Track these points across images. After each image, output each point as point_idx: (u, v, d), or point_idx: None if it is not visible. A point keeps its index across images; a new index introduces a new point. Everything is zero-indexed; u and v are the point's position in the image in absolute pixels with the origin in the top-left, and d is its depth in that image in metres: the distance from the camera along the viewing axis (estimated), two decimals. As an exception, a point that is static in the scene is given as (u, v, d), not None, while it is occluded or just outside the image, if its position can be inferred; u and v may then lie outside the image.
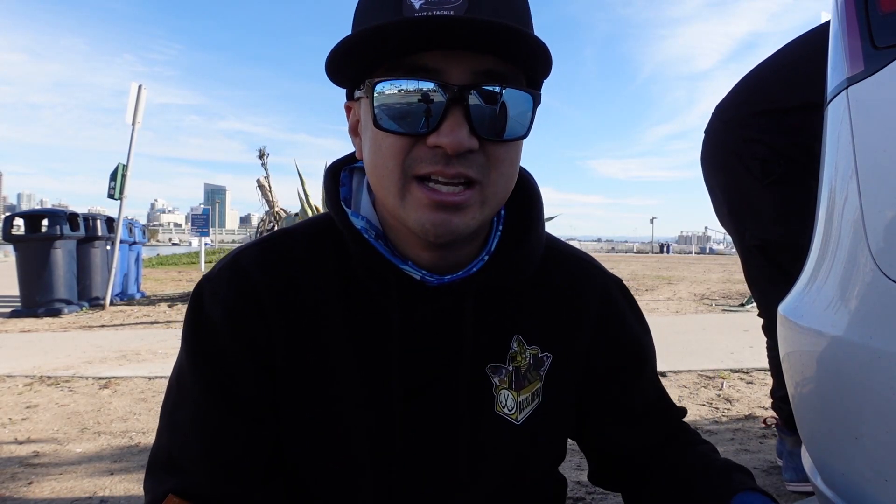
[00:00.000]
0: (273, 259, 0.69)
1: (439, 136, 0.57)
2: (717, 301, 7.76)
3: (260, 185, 10.34)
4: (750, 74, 1.77)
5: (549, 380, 0.74)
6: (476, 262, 0.68)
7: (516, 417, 0.72)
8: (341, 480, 0.70)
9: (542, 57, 0.59)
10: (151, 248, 44.77)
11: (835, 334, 0.76)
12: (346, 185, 0.73)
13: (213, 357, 0.66)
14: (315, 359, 0.68)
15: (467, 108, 0.57)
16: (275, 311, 0.67)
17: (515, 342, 0.72)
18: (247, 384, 0.66)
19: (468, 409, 0.70)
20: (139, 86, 7.58)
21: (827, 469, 0.83)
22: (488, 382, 0.71)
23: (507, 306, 0.72)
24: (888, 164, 0.71)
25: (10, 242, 7.01)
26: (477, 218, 0.62)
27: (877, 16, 0.75)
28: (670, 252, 52.72)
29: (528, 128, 0.61)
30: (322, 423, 0.68)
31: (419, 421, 0.69)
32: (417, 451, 0.69)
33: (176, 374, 0.70)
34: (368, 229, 0.67)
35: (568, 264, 0.78)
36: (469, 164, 0.58)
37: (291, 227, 0.74)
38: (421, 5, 0.56)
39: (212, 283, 0.68)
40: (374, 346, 0.68)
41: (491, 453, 0.72)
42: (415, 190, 0.59)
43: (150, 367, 3.94)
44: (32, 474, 2.19)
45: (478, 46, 0.56)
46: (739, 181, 1.72)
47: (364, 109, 0.62)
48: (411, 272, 0.66)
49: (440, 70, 0.57)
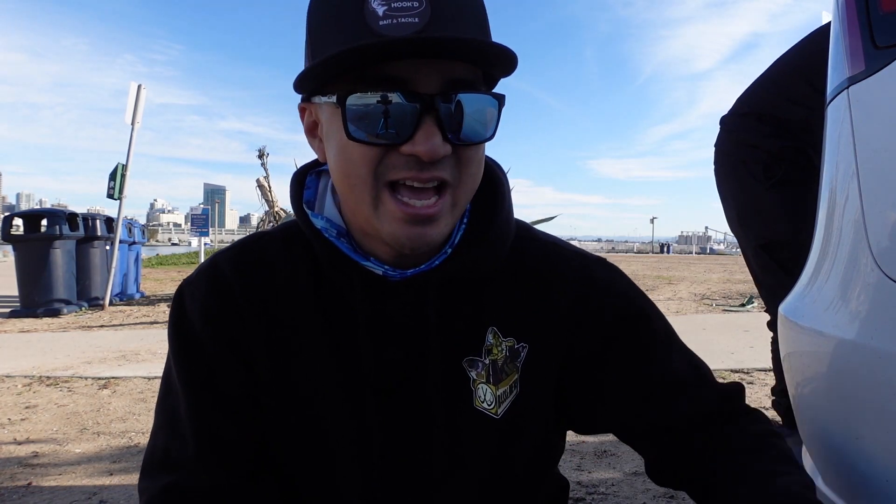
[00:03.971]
0: (249, 262, 0.72)
1: (414, 145, 0.58)
2: (718, 301, 7.76)
3: (260, 185, 10.34)
4: (750, 86, 1.87)
5: (526, 371, 0.73)
6: (440, 255, 0.69)
7: (496, 412, 0.72)
8: (323, 477, 0.71)
9: (506, 60, 0.60)
10: (151, 248, 44.81)
11: (835, 334, 0.76)
12: (311, 188, 0.75)
13: (195, 355, 0.70)
14: (291, 358, 0.70)
15: (439, 115, 0.58)
16: (251, 311, 0.70)
17: (490, 334, 0.72)
18: (229, 381, 0.69)
19: (445, 404, 0.70)
20: (139, 85, 7.58)
21: (827, 469, 0.83)
22: (465, 377, 0.71)
23: (479, 298, 0.72)
24: (889, 164, 0.71)
25: (9, 242, 7.00)
26: (449, 224, 0.64)
27: (877, 15, 0.75)
28: (670, 252, 52.72)
29: (494, 129, 0.63)
30: (300, 421, 0.70)
31: (394, 417, 0.70)
32: (395, 447, 0.70)
33: (165, 374, 0.73)
34: (329, 229, 0.69)
35: (541, 251, 0.77)
36: (442, 167, 0.60)
37: (266, 231, 0.77)
38: (385, 12, 0.56)
39: (191, 286, 0.72)
40: (345, 343, 0.70)
41: (472, 449, 0.72)
42: (388, 201, 0.60)
43: (150, 367, 3.93)
44: (32, 475, 2.19)
45: (446, 56, 0.57)
46: (745, 185, 1.81)
47: (330, 117, 0.62)
48: (373, 268, 0.68)
49: (409, 80, 0.58)
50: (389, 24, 0.56)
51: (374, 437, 0.70)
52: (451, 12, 0.58)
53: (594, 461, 2.25)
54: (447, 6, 0.57)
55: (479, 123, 0.61)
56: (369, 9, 0.56)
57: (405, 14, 0.56)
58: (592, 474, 2.13)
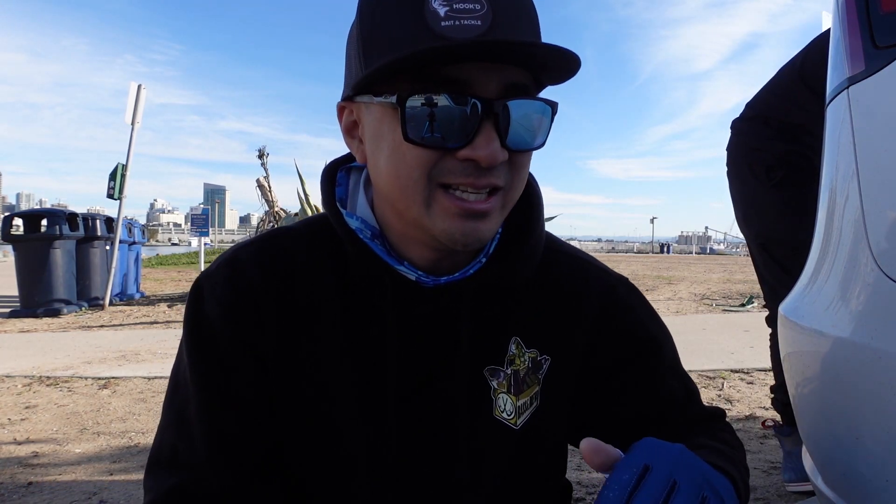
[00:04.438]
0: (270, 257, 0.70)
1: (474, 150, 0.57)
2: (718, 301, 7.76)
3: (260, 185, 10.35)
4: (758, 91, 1.95)
5: (547, 383, 0.73)
6: (474, 265, 0.68)
7: (515, 422, 0.71)
8: (336, 482, 0.70)
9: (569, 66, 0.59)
10: (151, 248, 44.77)
11: (835, 334, 0.76)
12: (342, 186, 0.73)
13: (211, 353, 0.67)
14: (310, 358, 0.68)
15: (498, 121, 0.57)
16: (271, 309, 0.68)
17: (513, 344, 0.72)
18: (244, 380, 0.67)
19: (466, 412, 0.70)
20: (139, 85, 7.58)
21: (827, 469, 0.83)
22: (486, 385, 0.70)
23: (505, 308, 0.72)
24: (889, 164, 0.71)
25: (9, 242, 7.00)
26: (498, 222, 0.63)
27: (877, 15, 0.75)
28: (670, 252, 52.67)
29: (546, 136, 0.63)
30: (316, 424, 0.69)
31: (415, 424, 0.69)
32: (413, 454, 0.69)
33: (176, 370, 0.70)
34: (364, 230, 0.67)
35: (569, 265, 0.77)
36: (497, 174, 0.59)
37: (289, 226, 0.74)
38: (446, 13, 0.55)
39: (210, 280, 0.69)
40: (369, 346, 0.68)
41: (489, 458, 0.71)
42: (441, 198, 0.59)
43: (150, 367, 3.93)
44: (32, 475, 2.19)
45: (510, 61, 0.56)
46: (748, 186, 1.89)
47: (381, 117, 0.60)
48: (407, 273, 0.66)
49: (470, 83, 0.56)
50: (452, 25, 0.54)
51: (391, 443, 0.68)
52: (511, 16, 0.57)
53: (594, 461, 2.25)
54: (507, 9, 0.56)
55: (533, 130, 0.61)
56: (430, 8, 0.55)
57: (468, 16, 0.55)
58: (592, 474, 2.13)
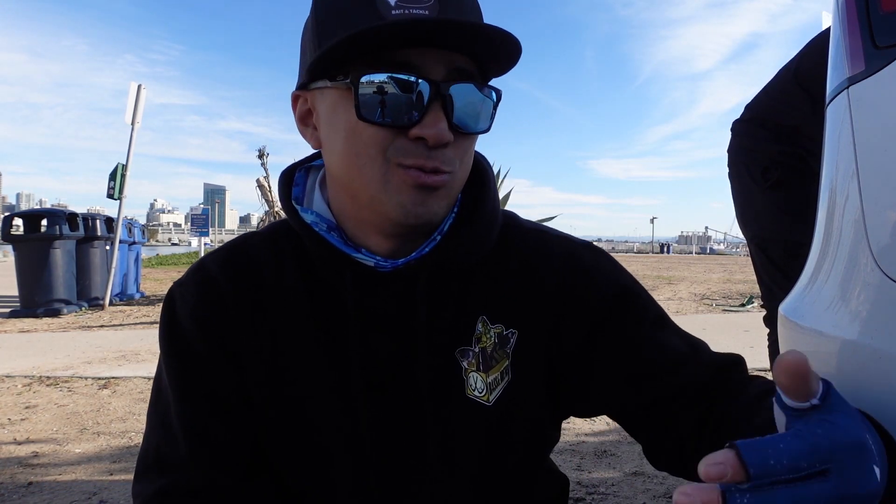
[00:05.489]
0: (237, 262, 0.73)
1: (423, 129, 0.60)
2: (718, 301, 7.77)
3: (260, 185, 10.35)
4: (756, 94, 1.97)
5: (517, 356, 0.74)
6: (428, 243, 0.69)
7: (487, 399, 0.72)
8: (316, 473, 0.71)
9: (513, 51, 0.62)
10: (151, 248, 44.81)
11: (836, 334, 0.76)
12: (300, 185, 0.76)
13: (186, 358, 0.70)
14: (282, 356, 0.70)
15: (445, 102, 0.60)
16: (240, 312, 0.70)
17: (480, 323, 0.72)
18: (219, 382, 0.70)
19: (436, 394, 0.70)
20: (139, 85, 7.58)
21: (827, 469, 0.83)
22: (457, 366, 0.71)
23: (468, 287, 0.73)
24: (889, 164, 0.71)
25: (9, 242, 7.01)
26: (448, 202, 0.65)
27: (878, 15, 0.75)
28: (670, 252, 52.69)
29: (490, 122, 0.66)
30: (293, 419, 0.70)
31: (385, 410, 0.70)
32: (386, 441, 0.70)
33: (158, 378, 0.74)
34: (319, 223, 0.69)
35: (529, 238, 0.77)
36: (443, 157, 0.62)
37: (255, 231, 0.78)
38: (396, 2, 0.58)
39: (181, 288, 0.73)
40: (336, 336, 0.70)
41: (464, 438, 0.72)
42: (398, 173, 0.62)
43: (150, 367, 3.94)
44: (31, 475, 2.19)
45: (455, 46, 0.60)
46: (746, 187, 1.91)
47: (336, 101, 0.63)
48: (364, 259, 0.68)
49: (420, 66, 0.60)
50: (401, 13, 0.58)
51: (365, 432, 0.70)
52: (457, 7, 0.60)
53: (594, 461, 2.25)
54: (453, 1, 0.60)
55: (478, 114, 0.64)
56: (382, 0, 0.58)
57: (416, 5, 0.58)
58: (592, 474, 2.13)
